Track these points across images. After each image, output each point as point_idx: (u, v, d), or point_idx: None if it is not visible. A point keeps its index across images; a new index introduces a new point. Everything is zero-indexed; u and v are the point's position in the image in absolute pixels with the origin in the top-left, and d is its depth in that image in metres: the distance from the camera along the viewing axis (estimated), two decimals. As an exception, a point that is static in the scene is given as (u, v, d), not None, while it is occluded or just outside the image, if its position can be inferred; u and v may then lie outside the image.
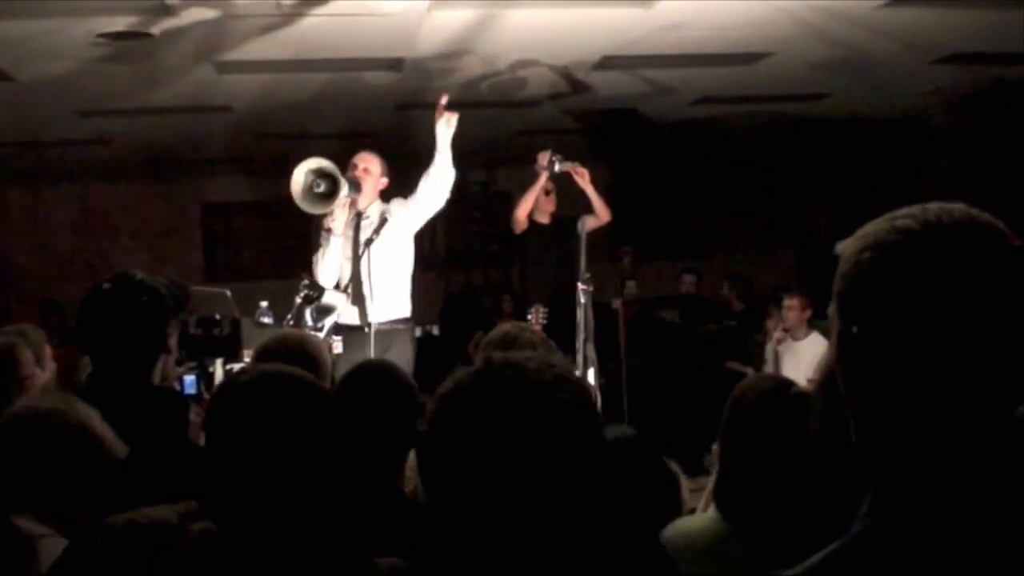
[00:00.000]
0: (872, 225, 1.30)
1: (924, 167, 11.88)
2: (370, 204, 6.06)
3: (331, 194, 5.75)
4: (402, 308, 6.03)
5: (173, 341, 3.14)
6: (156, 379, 3.05)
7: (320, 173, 5.75)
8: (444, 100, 6.02)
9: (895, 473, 1.25)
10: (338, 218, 5.87)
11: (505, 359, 1.60)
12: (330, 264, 5.93)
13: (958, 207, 1.28)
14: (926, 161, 11.85)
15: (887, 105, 9.39)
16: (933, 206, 1.28)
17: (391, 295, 5.96)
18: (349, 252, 5.94)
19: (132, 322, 2.93)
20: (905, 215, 1.27)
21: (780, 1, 6.01)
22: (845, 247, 1.31)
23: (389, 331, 5.88)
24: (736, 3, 6.01)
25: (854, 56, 7.36)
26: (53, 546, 2.12)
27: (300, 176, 5.72)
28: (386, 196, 6.18)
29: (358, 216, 6.01)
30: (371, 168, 6.10)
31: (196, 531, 1.82)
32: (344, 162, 6.01)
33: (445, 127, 6.00)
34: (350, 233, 5.97)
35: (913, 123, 10.24)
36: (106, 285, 3.07)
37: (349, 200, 5.88)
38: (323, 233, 6.00)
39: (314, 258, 6.06)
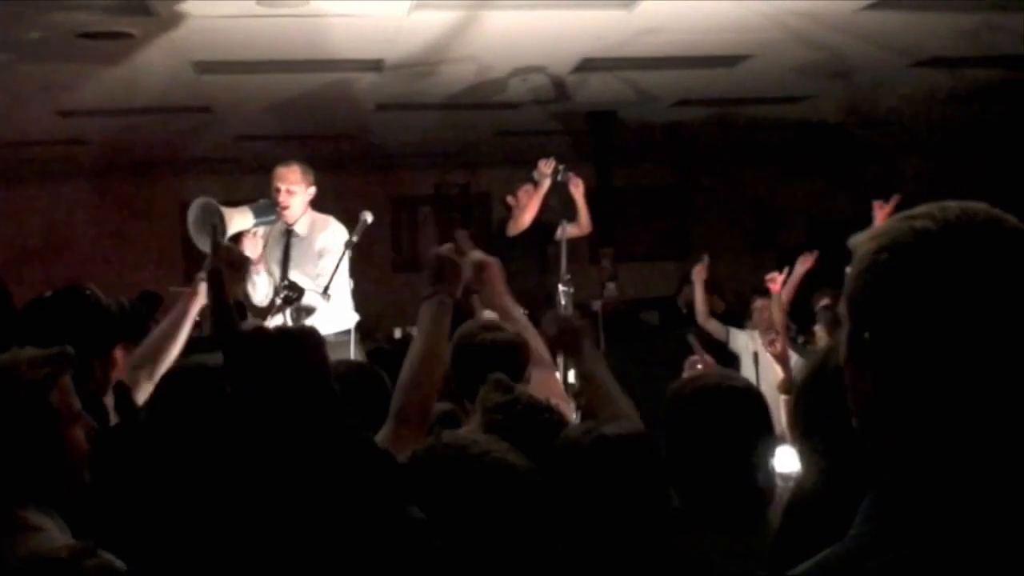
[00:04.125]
0: (888, 224, 1.26)
1: (903, 170, 11.93)
2: (299, 219, 5.94)
3: (222, 228, 5.44)
4: (344, 320, 5.93)
5: (116, 365, 3.09)
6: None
7: (206, 214, 5.43)
8: None
9: (900, 479, 1.23)
10: (251, 249, 5.57)
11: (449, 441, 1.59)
12: (256, 295, 5.78)
13: (981, 206, 1.25)
14: (905, 164, 11.90)
15: (866, 108, 9.43)
16: (953, 205, 1.25)
17: (330, 309, 5.80)
18: (277, 271, 5.83)
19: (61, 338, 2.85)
20: (924, 215, 1.24)
21: (760, 4, 6.04)
22: (859, 244, 1.27)
23: (331, 344, 5.77)
24: (716, 6, 6.02)
25: (833, 59, 7.39)
26: (43, 540, 2.11)
27: (192, 214, 5.39)
28: (319, 205, 6.07)
29: (288, 234, 5.94)
30: (294, 188, 5.85)
31: (91, 566, 1.80)
32: (325, 162, 5.99)
33: None
34: (278, 254, 5.86)
35: (892, 126, 10.29)
36: (48, 294, 3.04)
37: (257, 232, 5.66)
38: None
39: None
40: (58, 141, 9.61)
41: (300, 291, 5.43)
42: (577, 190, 7.19)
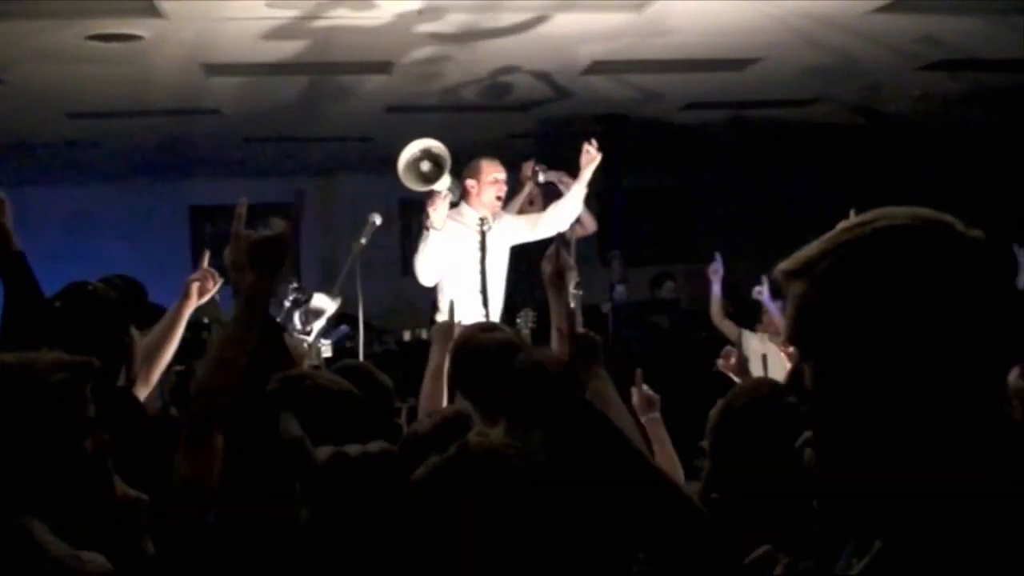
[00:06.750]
0: (842, 234, 1.28)
1: (911, 173, 11.90)
2: (493, 212, 6.23)
3: (431, 178, 5.82)
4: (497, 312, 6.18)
5: (138, 345, 3.10)
6: (120, 383, 3.04)
7: (430, 154, 5.81)
8: (594, 144, 6.26)
9: (880, 495, 1.24)
10: (439, 211, 5.88)
11: (480, 445, 1.57)
12: (428, 260, 5.93)
13: (926, 211, 1.28)
14: (913, 167, 11.88)
15: (876, 111, 9.41)
16: (899, 210, 1.28)
17: (500, 300, 6.19)
18: (470, 255, 6.07)
19: (87, 339, 2.83)
20: (877, 219, 1.27)
21: (769, 7, 6.03)
22: (807, 264, 1.29)
23: None
24: (726, 9, 6.02)
25: (843, 62, 7.38)
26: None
27: (412, 149, 5.81)
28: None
29: (482, 221, 6.12)
30: (502, 184, 6.25)
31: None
32: (334, 164, 6.03)
33: (589, 163, 6.17)
34: (477, 238, 6.09)
35: (902, 129, 10.26)
36: (57, 303, 3.03)
37: (448, 196, 5.92)
38: (424, 232, 6.01)
39: (415, 256, 6.07)
40: (68, 143, 9.62)
41: (309, 294, 5.47)
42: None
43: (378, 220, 5.86)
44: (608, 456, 1.66)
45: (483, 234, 6.08)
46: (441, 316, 6.05)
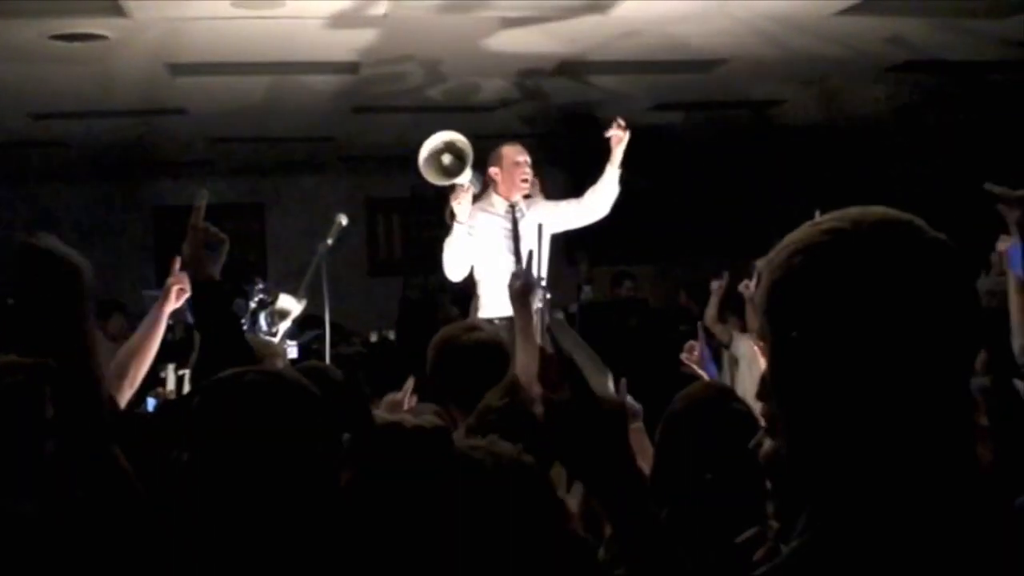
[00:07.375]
0: (797, 233, 1.30)
1: (877, 174, 11.97)
2: (521, 196, 6.12)
3: (453, 172, 5.76)
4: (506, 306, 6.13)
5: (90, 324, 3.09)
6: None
7: (452, 148, 5.76)
8: (621, 123, 6.26)
9: (832, 486, 1.25)
10: (463, 204, 5.82)
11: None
12: (455, 254, 5.85)
13: (884, 209, 1.30)
14: (879, 168, 11.95)
15: (841, 113, 9.47)
16: (856, 209, 1.30)
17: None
18: (504, 244, 5.96)
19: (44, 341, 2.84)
20: (830, 219, 1.29)
21: (734, 8, 6.05)
22: (769, 259, 1.31)
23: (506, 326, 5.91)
24: (692, 10, 6.04)
25: (808, 63, 7.42)
26: None
27: (434, 142, 5.76)
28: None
29: (513, 208, 6.01)
30: (524, 166, 6.12)
31: None
32: (301, 164, 5.99)
33: (618, 143, 6.20)
34: (508, 226, 5.99)
35: (867, 130, 10.33)
36: (10, 302, 3.01)
37: (469, 189, 5.83)
38: (450, 227, 5.94)
39: (442, 252, 6.01)
40: (32, 144, 9.53)
41: (275, 295, 5.44)
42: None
43: (344, 220, 5.82)
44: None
45: (515, 221, 6.04)
46: (481, 312, 5.99)
